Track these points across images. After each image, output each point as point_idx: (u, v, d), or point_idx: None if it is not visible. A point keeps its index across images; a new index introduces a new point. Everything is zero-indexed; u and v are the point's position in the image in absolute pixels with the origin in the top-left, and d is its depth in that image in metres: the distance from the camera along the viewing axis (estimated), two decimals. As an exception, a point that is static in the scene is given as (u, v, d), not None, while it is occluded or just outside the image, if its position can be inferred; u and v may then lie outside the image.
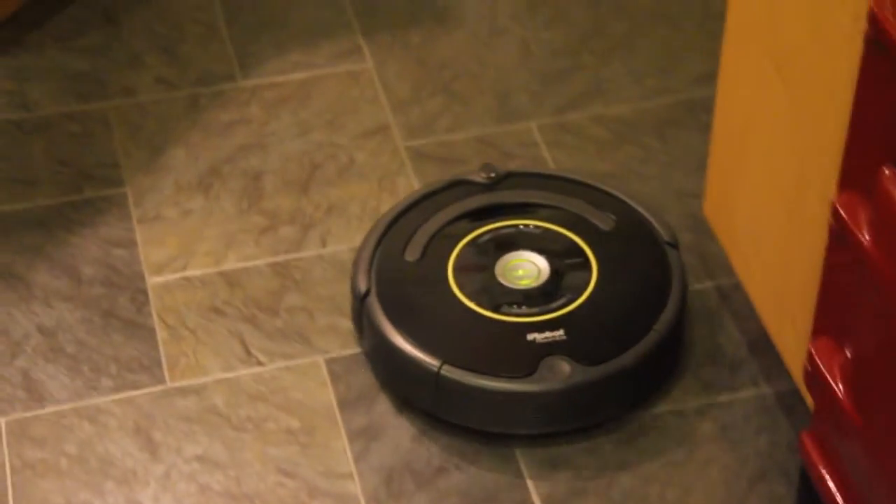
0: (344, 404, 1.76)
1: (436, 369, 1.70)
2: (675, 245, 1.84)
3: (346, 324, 1.84)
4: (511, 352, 1.72)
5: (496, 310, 1.75)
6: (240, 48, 2.18)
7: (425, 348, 1.72)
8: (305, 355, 1.81)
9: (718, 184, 1.76)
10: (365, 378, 1.78)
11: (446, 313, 1.76)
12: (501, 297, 1.77)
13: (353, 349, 1.81)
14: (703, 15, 2.23)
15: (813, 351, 1.43)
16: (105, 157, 2.03)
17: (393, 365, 1.76)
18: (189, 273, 1.90)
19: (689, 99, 2.12)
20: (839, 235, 1.39)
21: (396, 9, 2.24)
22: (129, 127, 2.07)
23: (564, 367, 1.70)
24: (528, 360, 1.71)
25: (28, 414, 1.75)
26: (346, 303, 1.85)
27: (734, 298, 1.87)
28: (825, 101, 1.44)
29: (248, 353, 1.81)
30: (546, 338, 1.72)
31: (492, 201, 1.88)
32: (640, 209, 1.87)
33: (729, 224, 1.74)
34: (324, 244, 1.94)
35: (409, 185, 2.01)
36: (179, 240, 1.93)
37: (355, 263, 1.82)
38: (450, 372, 1.70)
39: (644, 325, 1.74)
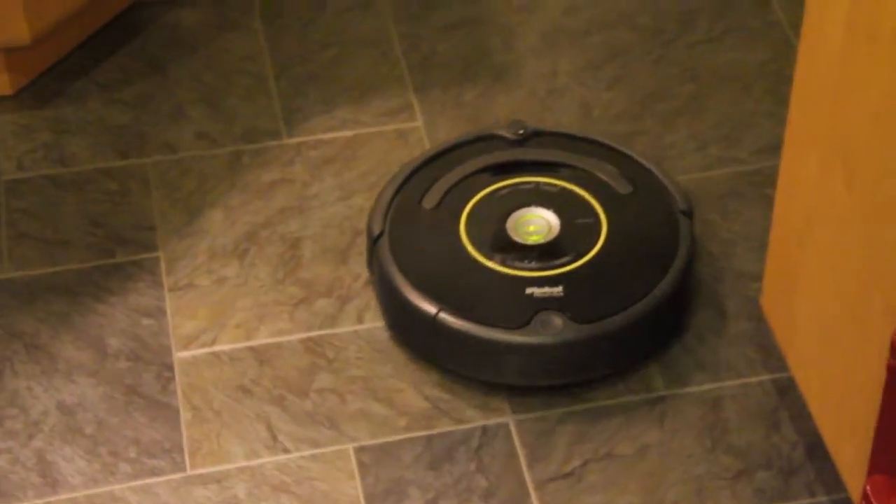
0: (371, 499, 1.64)
1: (433, 314, 1.70)
2: (689, 214, 1.80)
3: (378, 408, 1.70)
4: (508, 303, 1.72)
5: (501, 262, 1.75)
6: (287, 102, 2.06)
7: (426, 294, 1.72)
8: (334, 443, 1.68)
9: (777, 278, 1.60)
10: (394, 469, 1.66)
11: (451, 261, 1.76)
12: (508, 250, 1.76)
13: (385, 437, 1.69)
14: (776, 79, 2.07)
15: (869, 490, 1.28)
16: (141, 218, 1.92)
17: (395, 308, 1.76)
18: (218, 348, 1.77)
19: (755, 170, 1.96)
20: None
21: (452, 64, 2.10)
22: (167, 186, 1.95)
23: (557, 322, 1.69)
24: (524, 312, 1.70)
25: (40, 501, 1.64)
26: (380, 385, 1.73)
27: (793, 394, 1.72)
28: (894, 213, 1.30)
29: (275, 438, 1.69)
30: (544, 293, 1.71)
31: (516, 157, 1.86)
32: (660, 176, 1.84)
33: (787, 321, 1.59)
34: (360, 320, 1.80)
35: (455, 256, 1.89)
36: (210, 310, 1.81)
37: (373, 206, 1.82)
38: (446, 318, 1.70)
39: (642, 290, 1.72)
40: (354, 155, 1.99)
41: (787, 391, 1.72)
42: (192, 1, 2.17)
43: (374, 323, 1.80)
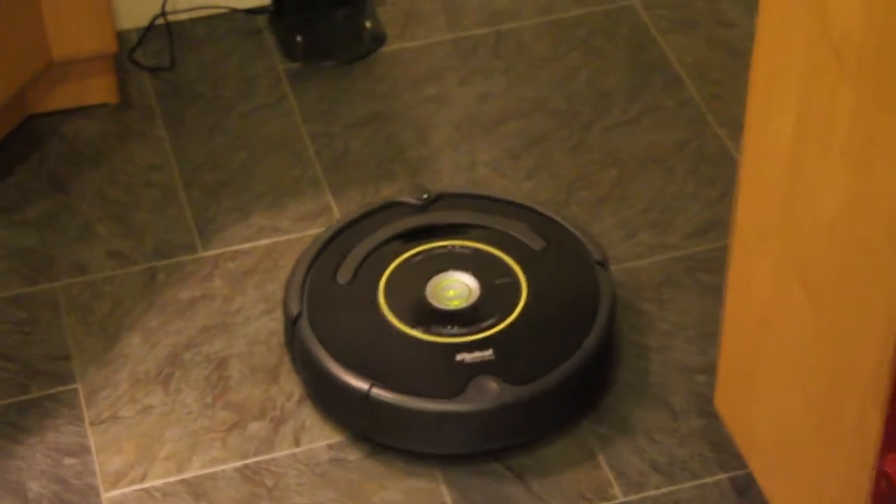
0: None
1: (365, 391, 1.64)
2: (604, 264, 1.77)
3: (325, 538, 1.61)
4: (440, 372, 1.67)
5: (426, 330, 1.70)
6: (199, 212, 1.94)
7: (355, 371, 1.67)
8: (281, 578, 1.59)
9: (732, 381, 1.52)
10: None
11: (376, 335, 1.71)
12: (432, 317, 1.72)
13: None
14: (697, 158, 2.00)
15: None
16: (54, 347, 1.78)
17: (324, 389, 1.70)
18: (149, 483, 1.64)
19: (688, 255, 1.88)
20: (890, 499, 1.18)
21: (367, 161, 1.99)
22: (80, 310, 1.82)
23: (493, 386, 1.65)
24: (458, 380, 1.66)
25: None
26: (324, 512, 1.64)
27: (752, 493, 1.65)
28: (861, 329, 1.23)
29: (217, 578, 1.59)
30: (475, 358, 1.67)
31: (424, 222, 1.81)
32: (571, 229, 1.80)
33: (745, 425, 1.51)
34: (297, 442, 1.69)
35: (389, 367, 1.79)
36: (138, 443, 1.69)
37: (287, 286, 1.76)
38: (379, 394, 1.64)
39: (572, 345, 1.69)
40: (276, 264, 1.88)
41: (745, 491, 1.64)
42: (89, 111, 2.06)
43: (313, 444, 1.68)
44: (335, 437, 1.68)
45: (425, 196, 1.84)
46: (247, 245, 1.90)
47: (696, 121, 2.05)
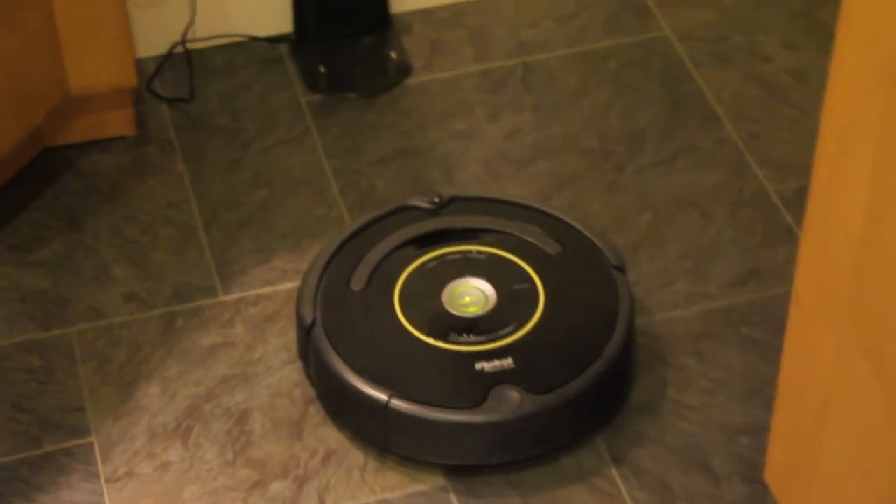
0: None
1: (384, 402, 1.58)
2: (622, 269, 1.71)
3: None
4: (460, 382, 1.61)
5: (444, 339, 1.64)
6: (219, 254, 1.84)
7: (373, 381, 1.60)
8: None
9: (786, 458, 1.41)
10: None
11: (393, 344, 1.64)
12: (449, 325, 1.65)
13: None
14: (736, 201, 1.90)
15: None
16: (69, 398, 1.68)
17: (341, 398, 1.63)
18: (167, 547, 1.57)
19: (728, 307, 1.78)
20: None
21: (393, 201, 1.84)
22: (96, 358, 1.72)
23: (514, 396, 1.59)
24: (478, 390, 1.60)
25: None
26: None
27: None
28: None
29: None
30: (495, 367, 1.61)
31: (437, 227, 1.75)
32: (586, 232, 1.74)
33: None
34: (322, 502, 1.62)
35: (417, 422, 1.69)
36: (155, 502, 1.59)
37: (300, 293, 1.69)
38: (398, 404, 1.58)
39: (593, 352, 1.63)
40: (298, 311, 1.79)
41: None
42: (106, 144, 1.96)
43: (338, 506, 1.60)
44: (361, 499, 1.59)
45: (437, 199, 1.77)
46: (269, 289, 1.80)
47: (734, 161, 1.95)
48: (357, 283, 1.68)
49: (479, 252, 1.72)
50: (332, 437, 1.64)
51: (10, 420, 1.65)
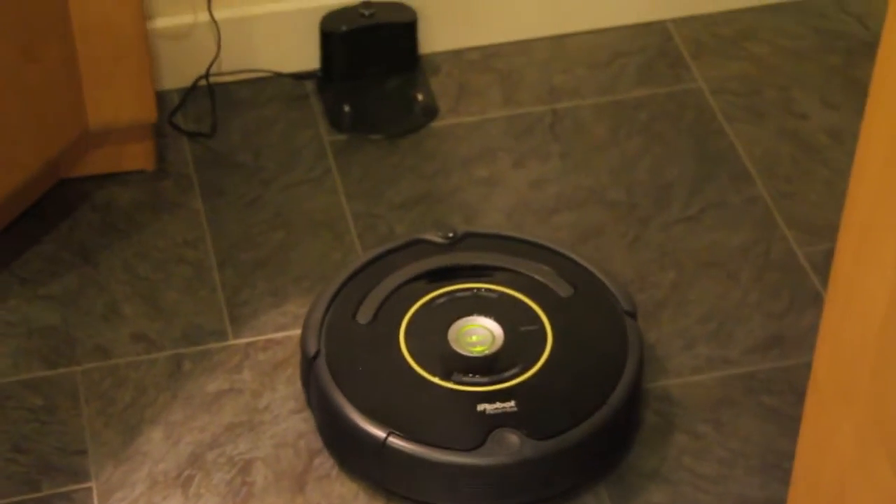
0: None
1: (382, 439, 1.56)
2: (633, 315, 1.68)
3: None
4: (460, 423, 1.59)
5: (447, 377, 1.61)
6: (232, 295, 1.79)
7: (372, 417, 1.58)
8: None
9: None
10: None
11: (395, 380, 1.62)
12: (453, 364, 1.62)
13: None
14: (762, 264, 1.84)
15: None
16: (70, 440, 1.64)
17: (338, 431, 1.61)
18: None
19: (749, 373, 1.72)
20: None
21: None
22: (100, 400, 1.68)
23: (514, 440, 1.56)
24: (478, 431, 1.57)
25: None
26: None
27: None
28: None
29: None
30: (496, 409, 1.59)
31: (449, 262, 1.72)
32: (599, 276, 1.71)
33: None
34: (322, 563, 1.57)
35: (424, 480, 1.64)
36: (151, 554, 1.57)
37: (306, 324, 1.67)
38: (396, 442, 1.56)
39: (597, 399, 1.60)
40: (308, 359, 1.75)
41: None
42: (124, 178, 1.92)
43: (337, 566, 1.55)
44: (363, 559, 1.55)
45: (450, 235, 1.74)
46: (280, 335, 1.75)
47: (763, 221, 1.89)
48: (363, 317, 1.66)
49: (490, 290, 1.69)
50: (336, 492, 1.59)
51: (8, 461, 1.61)
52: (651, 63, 2.09)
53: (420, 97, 2.04)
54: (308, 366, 1.64)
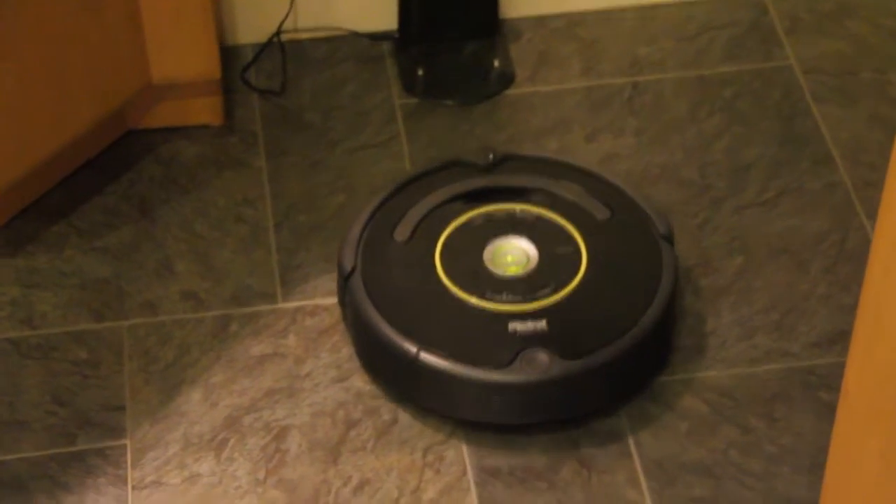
0: None
1: (413, 355, 1.57)
2: (669, 239, 1.67)
3: None
4: (491, 341, 1.59)
5: (480, 296, 1.62)
6: (285, 258, 1.77)
7: (404, 333, 1.59)
8: None
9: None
10: None
11: (429, 298, 1.63)
12: (487, 283, 1.63)
13: None
14: (836, 254, 1.77)
15: None
16: (110, 395, 1.63)
17: (371, 347, 1.63)
18: (182, 564, 1.52)
19: (808, 368, 1.65)
20: None
21: None
22: (143, 356, 1.67)
23: (543, 358, 1.56)
24: (508, 350, 1.58)
25: None
26: None
27: None
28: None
29: None
30: (527, 328, 1.59)
31: (488, 184, 1.72)
32: (637, 199, 1.70)
33: None
34: (347, 536, 1.54)
35: (461, 459, 1.61)
36: (178, 515, 1.56)
37: (343, 240, 1.67)
38: (427, 358, 1.56)
39: (629, 321, 1.60)
40: (355, 327, 1.72)
41: None
42: (191, 132, 1.91)
43: (363, 540, 1.53)
44: (389, 535, 1.52)
45: (491, 157, 1.73)
46: (329, 300, 1.72)
47: (842, 209, 1.81)
48: (401, 235, 1.67)
49: (527, 212, 1.69)
50: (369, 465, 1.57)
51: (48, 413, 1.61)
52: (742, 38, 2.01)
53: (497, 64, 1.99)
54: (344, 283, 1.64)
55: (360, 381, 1.64)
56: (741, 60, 1.98)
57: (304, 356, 1.67)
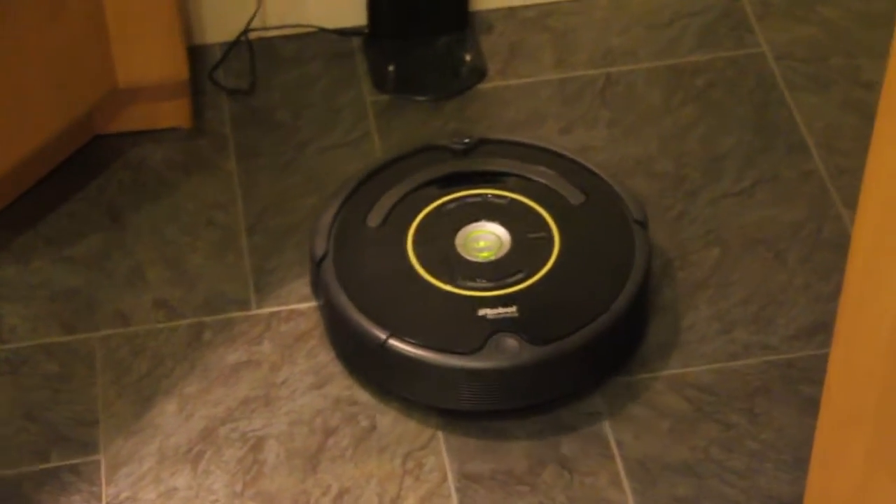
0: None
1: (382, 341, 1.55)
2: (643, 223, 1.65)
3: None
4: (460, 326, 1.57)
5: (451, 282, 1.60)
6: (258, 262, 1.73)
7: (374, 319, 1.58)
8: None
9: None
10: None
11: (399, 283, 1.61)
12: (458, 268, 1.61)
13: None
14: (813, 243, 1.74)
15: None
16: (83, 409, 1.59)
17: (342, 333, 1.61)
18: (160, 581, 1.48)
19: (788, 361, 1.62)
20: None
21: None
22: (116, 368, 1.63)
23: (512, 344, 1.55)
24: (477, 336, 1.56)
25: None
26: None
27: None
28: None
29: None
30: (498, 314, 1.57)
31: (461, 168, 1.70)
32: (611, 183, 1.69)
33: None
34: (327, 546, 1.51)
35: (441, 465, 1.58)
36: (155, 531, 1.52)
37: (315, 225, 1.66)
38: (395, 344, 1.55)
39: (599, 306, 1.58)
40: (331, 332, 1.69)
41: None
42: (160, 135, 1.87)
43: (343, 551, 1.50)
44: (369, 545, 1.49)
45: (466, 140, 1.70)
46: (304, 305, 1.69)
47: (817, 197, 1.78)
48: (373, 220, 1.65)
49: (501, 196, 1.67)
50: (348, 474, 1.53)
51: (19, 430, 1.57)
52: (714, 24, 1.98)
53: (468, 58, 1.95)
54: (316, 268, 1.62)
55: (338, 388, 1.61)
56: (713, 48, 1.95)
57: (279, 363, 1.64)
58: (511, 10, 2.00)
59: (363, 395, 1.60)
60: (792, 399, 1.59)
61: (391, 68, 1.93)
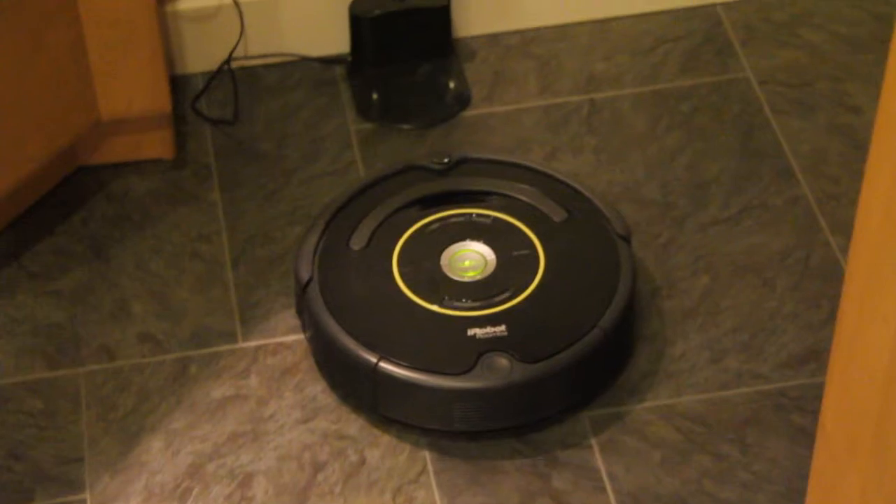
0: None
1: (373, 364, 1.55)
2: (627, 239, 1.66)
3: None
4: (450, 347, 1.58)
5: (439, 303, 1.61)
6: (244, 294, 1.71)
7: (363, 343, 1.57)
8: None
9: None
10: None
11: (387, 306, 1.61)
12: (445, 289, 1.62)
13: None
14: (801, 271, 1.72)
15: None
16: (68, 447, 1.56)
17: (331, 358, 1.61)
18: None
19: (779, 390, 1.60)
20: None
21: None
22: (101, 404, 1.60)
23: (503, 363, 1.55)
24: (468, 356, 1.56)
25: None
26: None
27: None
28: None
29: None
30: (487, 333, 1.58)
31: (443, 188, 1.71)
32: (594, 200, 1.70)
33: None
34: (318, 585, 1.49)
35: (432, 499, 1.56)
36: (143, 571, 1.49)
37: (299, 250, 1.65)
38: (387, 367, 1.55)
39: (588, 323, 1.59)
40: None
41: None
42: (143, 166, 1.84)
43: (334, 588, 1.47)
44: (360, 582, 1.47)
45: (446, 160, 1.72)
46: (291, 338, 1.67)
47: (805, 224, 1.76)
48: (357, 243, 1.65)
49: (484, 215, 1.67)
50: (338, 509, 1.52)
51: (3, 469, 1.53)
52: (697, 50, 1.96)
53: (452, 85, 1.93)
54: (301, 293, 1.61)
55: (326, 421, 1.58)
56: (697, 73, 1.93)
57: (266, 397, 1.61)
58: (494, 37, 1.99)
59: (352, 429, 1.58)
60: (783, 429, 1.57)
61: (375, 96, 1.91)
